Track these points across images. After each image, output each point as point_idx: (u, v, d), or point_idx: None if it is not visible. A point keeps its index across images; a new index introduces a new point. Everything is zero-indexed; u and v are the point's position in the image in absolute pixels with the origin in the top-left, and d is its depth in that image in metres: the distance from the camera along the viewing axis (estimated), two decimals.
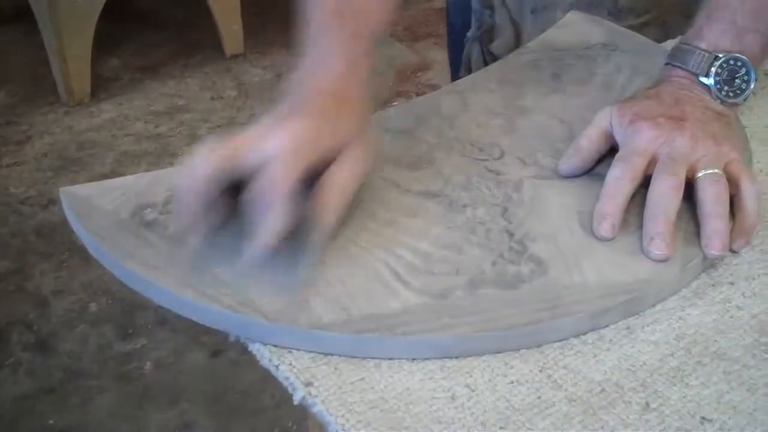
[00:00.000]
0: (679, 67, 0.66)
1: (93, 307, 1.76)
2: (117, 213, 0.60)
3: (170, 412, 1.55)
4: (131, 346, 1.67)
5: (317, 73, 0.61)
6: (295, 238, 0.56)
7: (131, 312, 1.73)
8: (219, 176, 0.55)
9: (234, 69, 2.59)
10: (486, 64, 0.93)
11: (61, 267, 1.86)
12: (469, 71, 0.96)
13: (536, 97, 0.74)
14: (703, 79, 0.65)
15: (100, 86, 2.47)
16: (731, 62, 0.64)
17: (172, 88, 2.50)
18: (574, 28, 0.85)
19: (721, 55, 0.64)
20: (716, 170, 0.60)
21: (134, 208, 0.61)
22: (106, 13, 2.34)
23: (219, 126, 2.33)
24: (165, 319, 1.70)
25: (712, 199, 0.59)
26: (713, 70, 0.64)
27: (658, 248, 0.57)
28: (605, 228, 0.58)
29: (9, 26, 2.74)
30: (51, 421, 1.53)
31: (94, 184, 0.64)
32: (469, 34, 0.97)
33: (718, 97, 0.65)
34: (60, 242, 1.92)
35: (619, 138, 0.64)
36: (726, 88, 0.65)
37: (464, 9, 0.98)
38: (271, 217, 0.54)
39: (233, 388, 1.59)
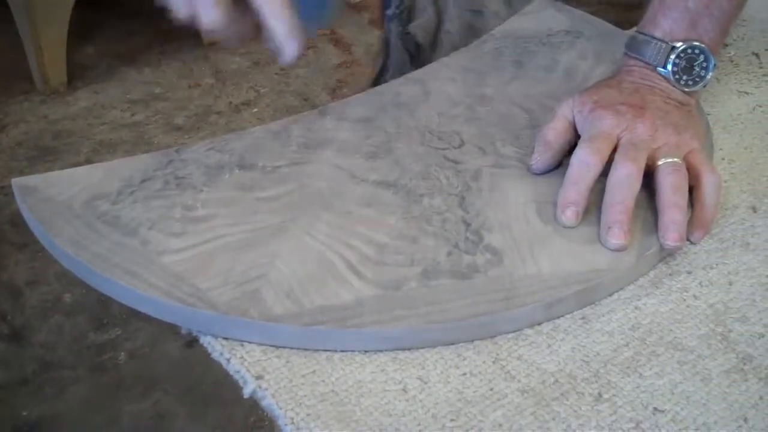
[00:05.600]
0: (637, 58, 0.66)
1: (67, 297, 1.74)
2: (69, 203, 0.59)
3: (145, 402, 1.54)
4: (106, 336, 1.66)
5: None
6: None
7: (106, 302, 1.71)
8: None
9: (211, 57, 2.57)
10: (404, 44, 0.91)
11: (36, 257, 1.84)
12: (387, 51, 0.93)
13: (498, 85, 0.74)
14: (661, 70, 0.64)
15: (76, 74, 2.44)
16: (689, 51, 0.64)
17: (149, 76, 2.49)
18: (538, 15, 0.84)
19: (677, 45, 0.64)
20: (676, 159, 0.60)
21: (86, 199, 0.60)
22: (82, 0, 2.32)
23: (196, 114, 2.31)
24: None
25: (670, 188, 0.58)
26: (671, 60, 0.64)
27: (615, 237, 0.56)
28: (569, 216, 0.58)
29: None
30: (24, 413, 1.51)
31: (47, 174, 0.62)
32: (388, 12, 0.93)
33: (678, 87, 0.64)
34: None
35: (580, 126, 0.63)
36: (685, 77, 0.64)
37: None
38: None
39: (208, 378, 1.58)
